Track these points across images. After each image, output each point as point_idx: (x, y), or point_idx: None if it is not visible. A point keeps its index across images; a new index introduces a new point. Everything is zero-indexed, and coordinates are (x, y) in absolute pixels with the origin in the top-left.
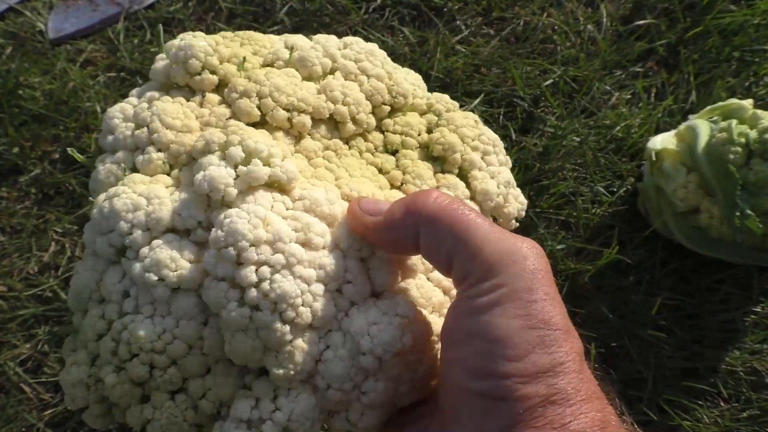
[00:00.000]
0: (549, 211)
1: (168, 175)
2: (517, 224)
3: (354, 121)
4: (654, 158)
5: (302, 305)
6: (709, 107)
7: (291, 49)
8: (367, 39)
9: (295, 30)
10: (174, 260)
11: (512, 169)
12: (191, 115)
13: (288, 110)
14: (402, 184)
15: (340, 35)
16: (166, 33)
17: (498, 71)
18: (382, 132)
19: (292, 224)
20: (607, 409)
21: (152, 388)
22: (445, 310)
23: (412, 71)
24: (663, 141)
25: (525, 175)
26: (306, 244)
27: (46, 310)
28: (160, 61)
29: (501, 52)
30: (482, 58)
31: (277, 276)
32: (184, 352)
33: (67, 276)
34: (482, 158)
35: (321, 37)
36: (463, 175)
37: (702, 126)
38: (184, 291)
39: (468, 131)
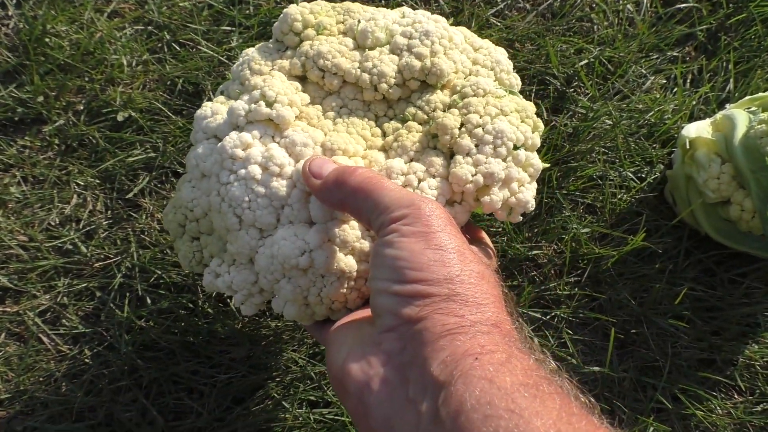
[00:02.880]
0: (575, 193)
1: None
2: (521, 218)
3: (375, 89)
4: (687, 146)
5: (248, 209)
6: (748, 97)
7: (358, 22)
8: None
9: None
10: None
11: (542, 148)
12: (269, 63)
13: (322, 71)
14: (387, 149)
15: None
16: None
17: (532, 47)
18: (408, 102)
19: (262, 151)
20: (502, 313)
21: (187, 230)
22: (368, 258)
23: (496, 48)
24: (698, 129)
25: (554, 156)
26: (265, 169)
27: (66, 263)
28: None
29: (536, 28)
30: (517, 33)
31: (235, 184)
32: (202, 215)
33: (89, 230)
34: (476, 146)
35: (407, 13)
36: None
37: (740, 116)
38: (208, 177)
39: (475, 118)
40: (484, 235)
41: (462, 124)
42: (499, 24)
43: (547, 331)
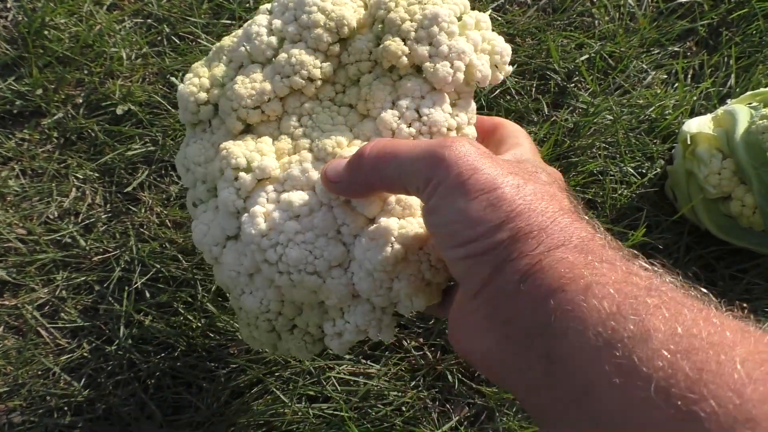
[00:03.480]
0: (576, 188)
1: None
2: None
3: (310, 80)
4: (688, 142)
5: (316, 258)
6: (749, 93)
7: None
8: None
9: None
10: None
11: (542, 143)
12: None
13: (258, 107)
14: (368, 112)
15: None
16: None
17: (533, 42)
18: (344, 68)
19: (282, 206)
20: (573, 225)
21: (280, 329)
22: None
23: None
24: (699, 125)
25: (554, 151)
26: (295, 217)
27: (65, 257)
28: None
29: (537, 23)
30: (518, 27)
31: (287, 251)
32: (280, 306)
33: (87, 223)
34: (430, 45)
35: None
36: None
37: (741, 112)
38: (257, 273)
39: (408, 26)
40: (505, 123)
41: (404, 40)
42: (499, 18)
43: None
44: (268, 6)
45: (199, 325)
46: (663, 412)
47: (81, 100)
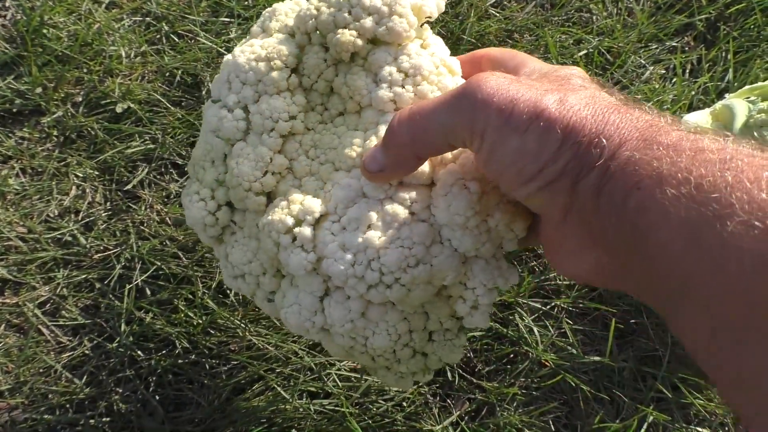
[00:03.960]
0: None
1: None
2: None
3: (293, 118)
4: None
5: (410, 249)
6: (747, 87)
7: None
8: None
9: None
10: None
11: None
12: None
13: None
14: (360, 105)
15: None
16: None
17: (531, 38)
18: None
19: (349, 228)
20: (627, 120)
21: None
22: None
23: None
24: (697, 119)
25: None
26: (366, 228)
27: (65, 254)
28: None
29: (535, 19)
30: (516, 23)
31: (380, 259)
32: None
33: (88, 221)
34: (369, 15)
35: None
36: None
37: (739, 106)
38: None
39: (340, 15)
40: (491, 51)
41: (345, 27)
42: (498, 14)
43: (547, 321)
44: (211, 100)
45: (200, 322)
46: (764, 285)
47: (80, 99)
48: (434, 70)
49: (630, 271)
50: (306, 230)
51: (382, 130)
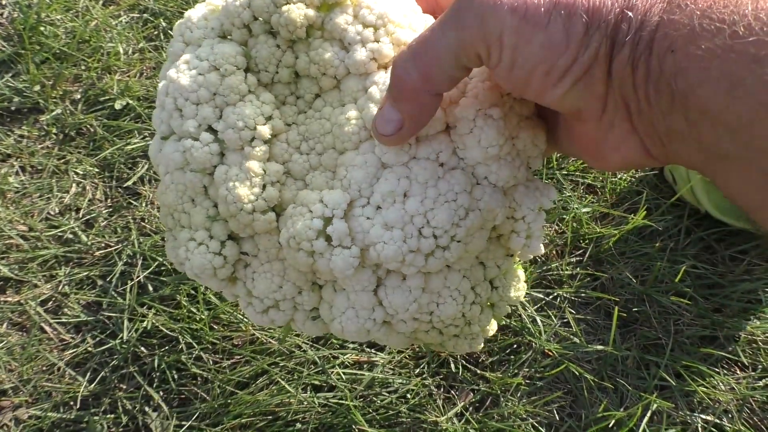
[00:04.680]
0: (575, 173)
1: None
2: None
3: (269, 118)
4: None
5: (455, 201)
6: None
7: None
8: None
9: None
10: None
11: None
12: None
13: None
14: (336, 77)
15: None
16: None
17: None
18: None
19: (387, 203)
20: None
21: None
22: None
23: None
24: None
25: None
26: (401, 198)
27: (67, 252)
28: None
29: None
30: None
31: (433, 215)
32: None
33: (88, 218)
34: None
35: None
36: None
37: None
38: None
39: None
40: None
41: (287, 2)
42: None
43: (550, 311)
44: (159, 138)
45: (203, 317)
46: None
47: (79, 96)
48: (401, 12)
49: (676, 141)
50: (341, 225)
51: (375, 92)
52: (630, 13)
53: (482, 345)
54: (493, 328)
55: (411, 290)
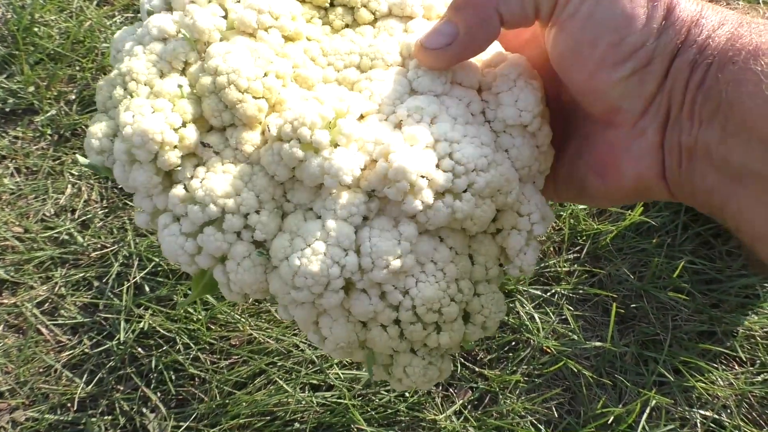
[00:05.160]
0: None
1: None
2: None
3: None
4: None
5: (485, 156)
6: None
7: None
8: None
9: None
10: None
11: None
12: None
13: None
14: (376, 17)
15: None
16: None
17: None
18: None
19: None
20: (722, 7)
21: None
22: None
23: None
24: None
25: None
26: (443, 119)
27: (62, 253)
28: None
29: None
30: None
31: (458, 155)
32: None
33: (84, 219)
34: None
35: None
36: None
37: None
38: None
39: None
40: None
41: None
42: None
43: (548, 307)
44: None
45: (200, 317)
46: None
47: (74, 97)
48: None
49: (698, 157)
50: (352, 123)
51: (413, 37)
52: (703, 20)
53: (434, 382)
54: (447, 368)
55: (400, 240)
